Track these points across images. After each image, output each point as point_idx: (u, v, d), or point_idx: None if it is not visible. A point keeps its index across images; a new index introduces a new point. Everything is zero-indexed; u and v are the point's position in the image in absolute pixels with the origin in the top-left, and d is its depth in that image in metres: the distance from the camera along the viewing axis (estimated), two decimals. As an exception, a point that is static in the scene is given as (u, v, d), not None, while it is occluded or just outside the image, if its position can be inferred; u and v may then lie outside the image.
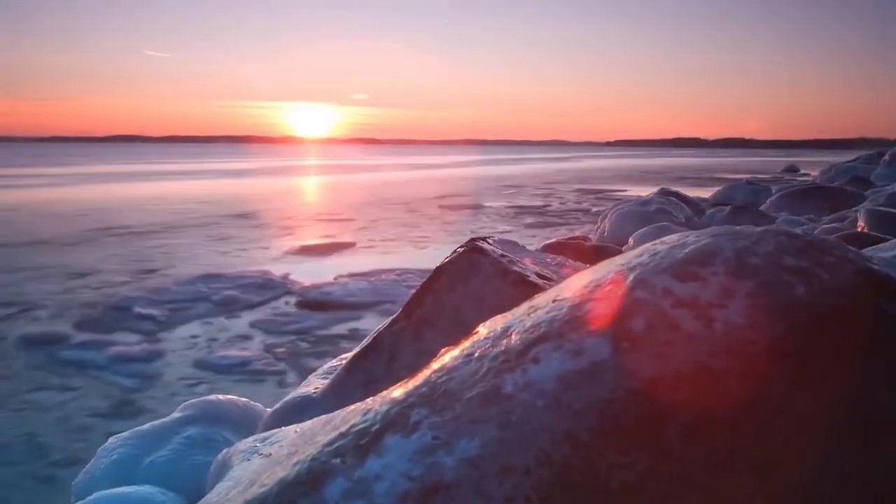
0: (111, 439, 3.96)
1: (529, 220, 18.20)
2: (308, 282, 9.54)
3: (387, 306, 8.25)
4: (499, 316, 1.35)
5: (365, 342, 2.72)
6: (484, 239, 2.82)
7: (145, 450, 3.85)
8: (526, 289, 2.32)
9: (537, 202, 23.03)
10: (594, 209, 20.41)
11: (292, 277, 9.84)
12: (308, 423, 1.94)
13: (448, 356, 1.19)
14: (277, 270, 10.25)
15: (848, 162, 31.40)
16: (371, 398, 1.54)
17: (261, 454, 1.80)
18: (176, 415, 4.12)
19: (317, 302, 8.53)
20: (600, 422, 0.96)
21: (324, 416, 1.93)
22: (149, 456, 3.81)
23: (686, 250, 1.18)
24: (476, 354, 1.13)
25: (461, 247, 2.61)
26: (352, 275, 10.03)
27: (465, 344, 1.22)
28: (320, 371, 2.94)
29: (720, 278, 1.10)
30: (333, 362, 2.99)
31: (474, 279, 2.43)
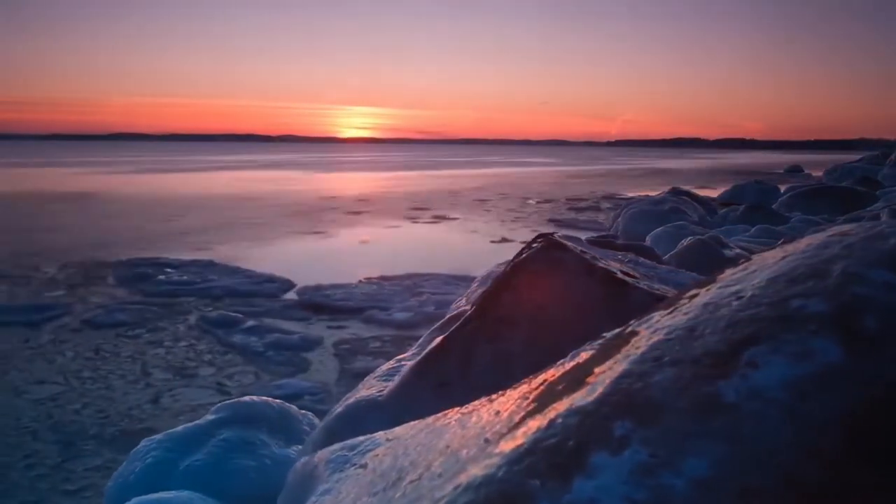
0: (143, 442, 3.81)
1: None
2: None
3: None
4: (656, 314, 1.22)
5: (433, 343, 2.57)
6: (551, 235, 2.68)
7: (181, 453, 3.70)
8: (616, 287, 2.18)
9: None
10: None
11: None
12: (400, 430, 1.80)
13: (625, 360, 1.05)
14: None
15: (853, 162, 31.40)
16: (503, 399, 1.40)
17: (355, 465, 1.66)
18: (210, 416, 3.97)
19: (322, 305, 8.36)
20: (849, 436, 0.83)
21: (418, 423, 1.79)
22: (185, 459, 3.66)
23: (892, 241, 1.05)
24: (666, 358, 0.99)
25: (535, 243, 2.47)
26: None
27: (639, 345, 1.08)
28: (379, 373, 2.80)
29: (947, 272, 0.97)
30: (391, 364, 2.86)
31: (557, 276, 2.29)
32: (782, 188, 18.90)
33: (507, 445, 0.97)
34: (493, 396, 1.59)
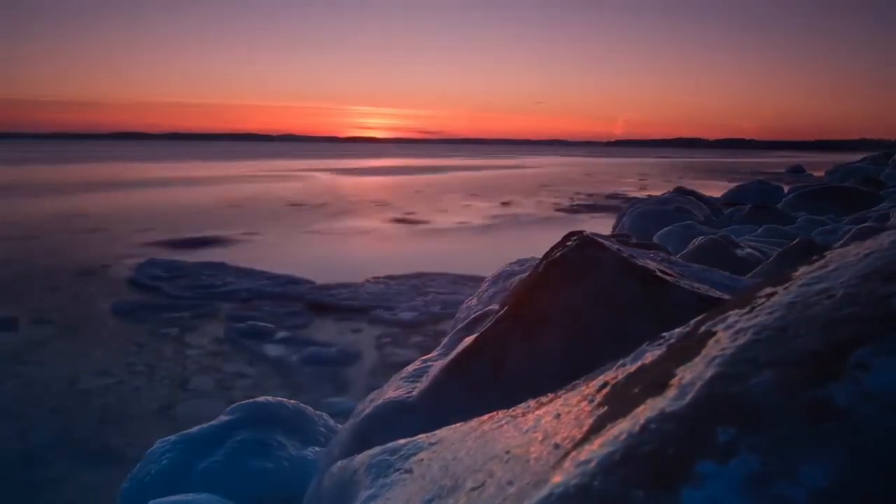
0: (158, 443, 3.74)
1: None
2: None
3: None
4: (732, 314, 1.16)
5: (462, 343, 2.51)
6: (583, 232, 2.63)
7: (196, 455, 3.63)
8: (656, 286, 2.12)
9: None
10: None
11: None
12: (442, 434, 1.75)
13: (711, 362, 1.00)
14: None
15: (854, 162, 31.40)
16: (574, 399, 1.34)
17: (399, 470, 1.60)
18: (224, 417, 3.90)
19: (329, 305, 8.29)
20: (976, 444, 0.78)
21: (461, 426, 1.74)
22: (201, 461, 3.59)
23: None
24: (762, 360, 0.93)
25: (569, 240, 2.41)
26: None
27: (723, 346, 1.02)
28: (405, 373, 2.74)
29: None
30: (417, 364, 2.80)
31: (594, 275, 2.22)
32: (786, 188, 18.87)
33: (594, 452, 0.92)
34: (543, 399, 1.53)
